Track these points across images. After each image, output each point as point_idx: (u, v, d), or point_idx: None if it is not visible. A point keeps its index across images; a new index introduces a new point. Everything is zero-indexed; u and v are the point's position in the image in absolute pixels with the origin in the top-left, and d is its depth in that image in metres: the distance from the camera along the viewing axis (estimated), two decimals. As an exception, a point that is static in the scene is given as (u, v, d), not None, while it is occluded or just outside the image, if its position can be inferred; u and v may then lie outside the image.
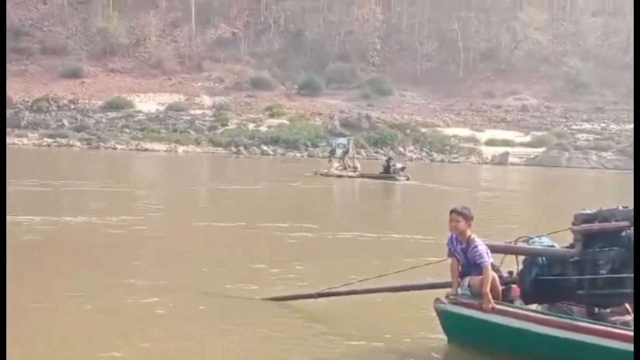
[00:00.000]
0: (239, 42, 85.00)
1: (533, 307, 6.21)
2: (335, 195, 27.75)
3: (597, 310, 6.08)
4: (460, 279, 6.32)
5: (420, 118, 71.40)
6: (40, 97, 70.41)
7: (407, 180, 32.10)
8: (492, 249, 6.29)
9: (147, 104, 71.80)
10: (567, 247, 6.26)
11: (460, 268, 6.34)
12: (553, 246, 6.37)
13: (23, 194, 19.55)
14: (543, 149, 62.85)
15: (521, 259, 6.51)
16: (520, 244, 6.49)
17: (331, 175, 33.42)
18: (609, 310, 6.09)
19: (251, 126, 67.30)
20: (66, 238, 12.31)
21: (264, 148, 61.66)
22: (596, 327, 5.55)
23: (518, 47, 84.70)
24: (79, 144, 60.28)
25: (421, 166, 49.69)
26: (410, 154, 61.73)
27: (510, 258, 6.59)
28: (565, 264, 6.12)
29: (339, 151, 38.00)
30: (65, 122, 66.53)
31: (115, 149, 58.87)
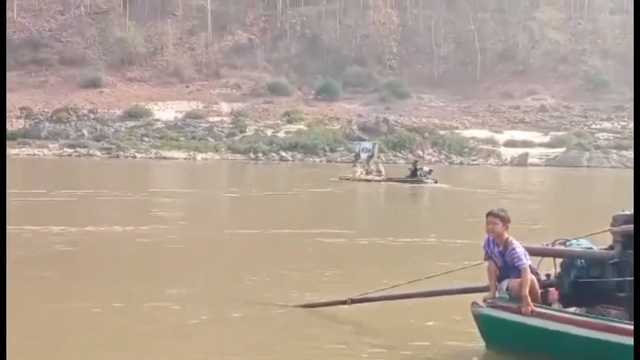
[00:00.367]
0: (256, 48, 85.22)
1: (572, 310, 6.11)
2: (366, 200, 27.57)
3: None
4: (497, 282, 6.23)
5: (438, 120, 71.20)
6: (60, 107, 71.02)
7: (435, 183, 31.97)
8: (529, 251, 6.19)
9: (166, 112, 72.21)
10: (606, 248, 6.18)
11: (498, 271, 6.23)
12: (591, 248, 6.30)
13: (53, 204, 19.78)
14: (563, 149, 62.48)
15: (558, 262, 6.42)
16: (558, 247, 6.41)
17: (356, 180, 33.37)
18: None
19: (269, 132, 67.46)
20: (100, 247, 12.32)
21: (283, 154, 61.77)
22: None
23: (535, 47, 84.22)
24: (98, 154, 60.71)
25: (440, 169, 49.38)
26: (428, 157, 61.51)
27: (547, 261, 6.51)
28: (605, 266, 6.04)
29: (363, 155, 37.95)
30: (85, 132, 67.06)
31: (134, 157, 59.22)
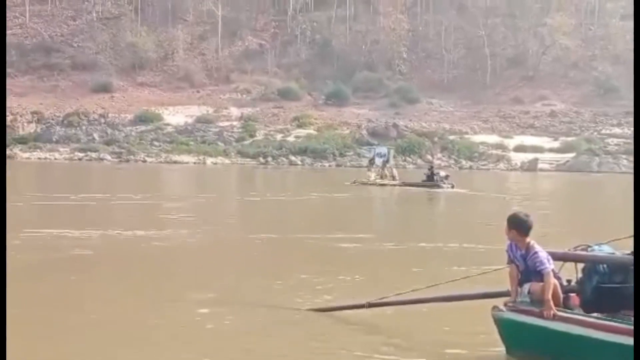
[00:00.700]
0: (266, 53, 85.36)
1: (594, 315, 6.09)
2: (383, 205, 27.55)
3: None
4: (519, 286, 6.22)
5: (448, 125, 71.16)
6: (71, 111, 71.34)
7: (452, 188, 31.92)
8: (552, 256, 6.19)
9: (176, 116, 72.48)
10: (629, 254, 6.16)
11: (520, 275, 6.20)
12: (614, 254, 6.27)
13: (70, 208, 19.88)
14: (573, 155, 62.34)
15: (580, 267, 6.39)
16: (580, 252, 6.39)
17: (371, 184, 33.38)
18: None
19: (279, 137, 67.58)
20: (119, 251, 12.33)
21: (292, 158, 61.90)
22: None
23: (546, 53, 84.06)
24: (109, 158, 60.98)
25: (451, 174, 49.27)
26: (438, 162, 61.30)
27: (568, 267, 6.49)
28: (628, 271, 6.00)
29: (378, 160, 37.97)
30: (96, 136, 67.43)
31: (145, 161, 59.47)
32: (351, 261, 11.77)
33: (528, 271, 6.12)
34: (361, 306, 7.66)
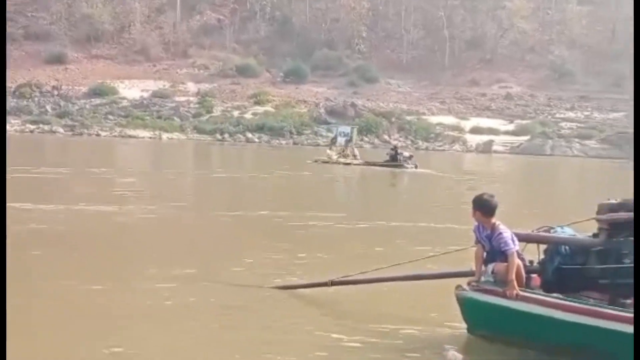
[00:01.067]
0: (225, 29, 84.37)
1: (555, 295, 6.17)
2: (349, 184, 27.39)
3: (619, 300, 6.04)
4: (484, 266, 6.28)
5: (406, 106, 71.37)
6: (23, 83, 69.50)
7: (416, 168, 32.12)
8: (516, 237, 6.25)
9: (132, 90, 71.30)
10: (591, 236, 6.27)
11: (485, 255, 6.27)
12: (575, 235, 6.37)
13: (22, 180, 19.40)
14: (527, 137, 63.09)
15: (542, 248, 6.48)
16: (542, 233, 6.48)
17: (334, 163, 33.39)
18: (629, 300, 6.09)
19: (236, 113, 66.98)
20: (78, 227, 12.09)
21: (249, 135, 61.50)
22: (624, 315, 5.47)
23: (504, 36, 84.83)
24: (62, 131, 59.76)
25: (409, 154, 49.70)
26: (395, 142, 61.66)
27: (530, 248, 6.56)
28: (589, 253, 6.10)
29: (340, 139, 37.89)
30: (49, 108, 65.88)
31: (99, 135, 58.54)
32: (317, 240, 11.73)
33: (493, 251, 6.17)
34: (324, 284, 7.67)
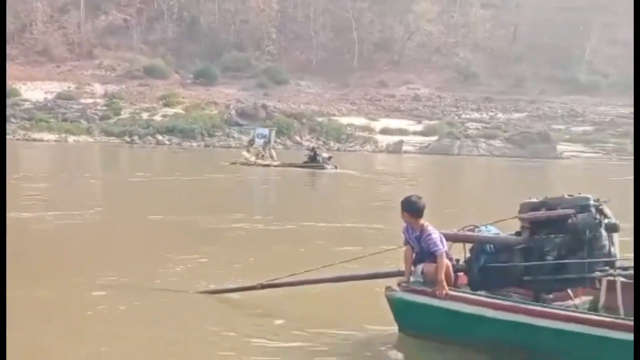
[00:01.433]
0: (131, 29, 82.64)
1: (480, 294, 6.32)
2: (269, 186, 27.19)
3: (542, 296, 6.25)
4: (413, 266, 6.39)
5: (317, 107, 71.77)
6: None
7: (335, 169, 32.29)
8: (444, 237, 6.39)
9: (35, 92, 68.86)
10: (513, 234, 6.47)
11: (414, 256, 6.37)
12: (499, 234, 6.56)
13: None
14: (435, 138, 64.43)
15: (468, 247, 6.65)
16: (468, 232, 6.64)
17: (252, 165, 33.20)
18: (551, 296, 6.33)
19: (145, 115, 65.67)
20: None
21: (159, 138, 60.41)
22: (556, 311, 5.66)
23: (411, 38, 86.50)
24: (-40, 134, 57.19)
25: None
26: (307, 143, 61.95)
27: (456, 247, 6.71)
28: (513, 251, 6.28)
29: (258, 141, 37.74)
30: (-55, 110, 62.97)
31: (1, 139, 56.32)
32: (243, 242, 11.62)
33: (422, 252, 6.29)
34: (253, 288, 7.64)
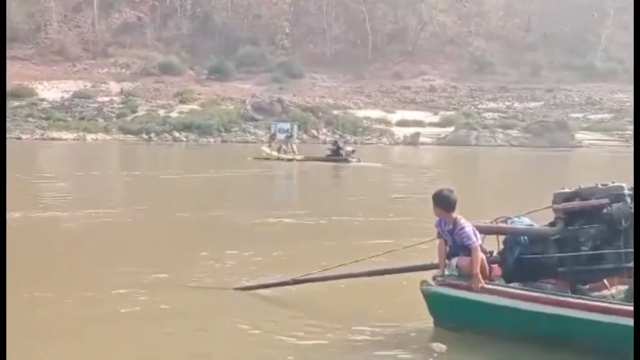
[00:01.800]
0: (145, 26, 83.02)
1: (515, 285, 6.32)
2: (297, 180, 27.11)
3: (578, 287, 6.24)
4: (447, 260, 6.40)
5: (332, 100, 71.81)
6: None
7: (359, 162, 32.31)
8: (477, 229, 6.39)
9: (51, 91, 69.42)
10: (547, 225, 6.46)
11: (448, 249, 6.36)
12: (532, 225, 6.56)
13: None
14: (452, 128, 64.32)
15: (501, 238, 6.64)
16: (501, 224, 6.65)
17: (275, 160, 33.27)
18: (587, 286, 6.33)
19: (162, 112, 65.97)
20: (26, 235, 11.65)
21: (176, 134, 60.67)
22: (591, 303, 5.64)
23: (424, 29, 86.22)
24: (-21, 135, 57.66)
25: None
26: (323, 137, 62.00)
27: (489, 239, 6.71)
28: (547, 242, 6.25)
29: (280, 135, 37.89)
30: (-35, 112, 63.54)
31: (20, 138, 56.71)
32: (276, 238, 11.53)
33: (456, 246, 6.28)
34: (286, 283, 7.66)
